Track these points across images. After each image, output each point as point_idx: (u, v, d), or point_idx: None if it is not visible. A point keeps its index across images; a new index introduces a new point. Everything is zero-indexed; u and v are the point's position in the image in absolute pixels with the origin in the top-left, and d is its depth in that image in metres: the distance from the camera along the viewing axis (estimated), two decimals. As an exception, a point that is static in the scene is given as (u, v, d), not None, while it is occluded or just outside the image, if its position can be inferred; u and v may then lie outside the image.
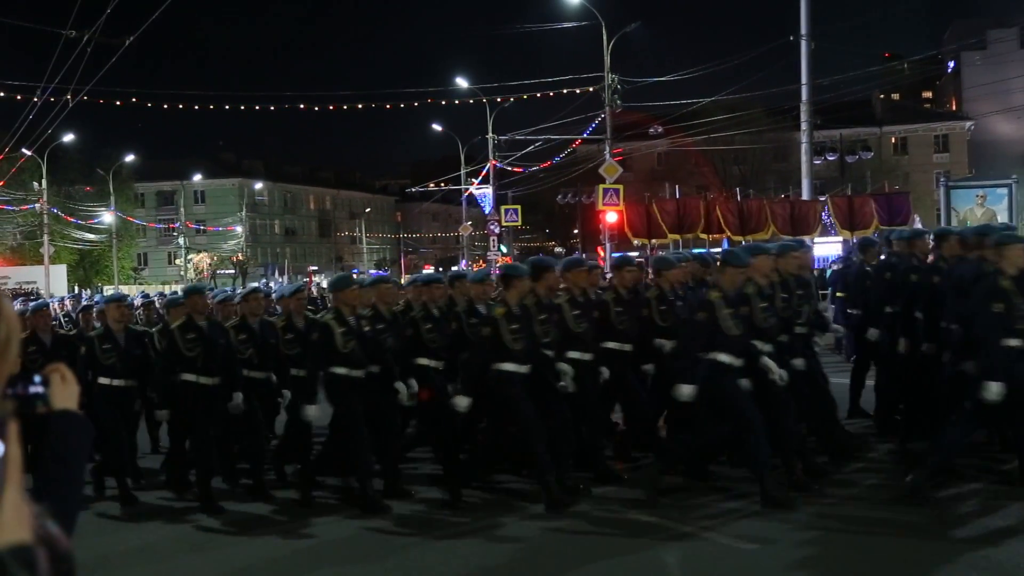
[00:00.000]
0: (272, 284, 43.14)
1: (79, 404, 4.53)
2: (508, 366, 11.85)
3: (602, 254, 41.30)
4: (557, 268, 13.56)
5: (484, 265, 55.06)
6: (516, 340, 11.94)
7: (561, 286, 13.43)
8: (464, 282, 15.42)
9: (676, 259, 15.05)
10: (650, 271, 16.27)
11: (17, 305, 26.62)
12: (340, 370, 12.22)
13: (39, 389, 2.80)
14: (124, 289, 33.40)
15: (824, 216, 35.92)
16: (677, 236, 34.71)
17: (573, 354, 12.76)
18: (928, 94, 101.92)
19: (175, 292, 30.33)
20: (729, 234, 34.14)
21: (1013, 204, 71.00)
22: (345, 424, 12.25)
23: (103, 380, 13.13)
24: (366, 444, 12.08)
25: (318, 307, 24.00)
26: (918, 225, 56.08)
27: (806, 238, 33.01)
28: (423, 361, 13.59)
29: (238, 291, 18.86)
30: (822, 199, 39.47)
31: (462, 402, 11.95)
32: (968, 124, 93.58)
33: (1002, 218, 65.66)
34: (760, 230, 33.51)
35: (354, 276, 14.56)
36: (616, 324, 13.41)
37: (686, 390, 11.54)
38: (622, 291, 13.75)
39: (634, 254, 32.41)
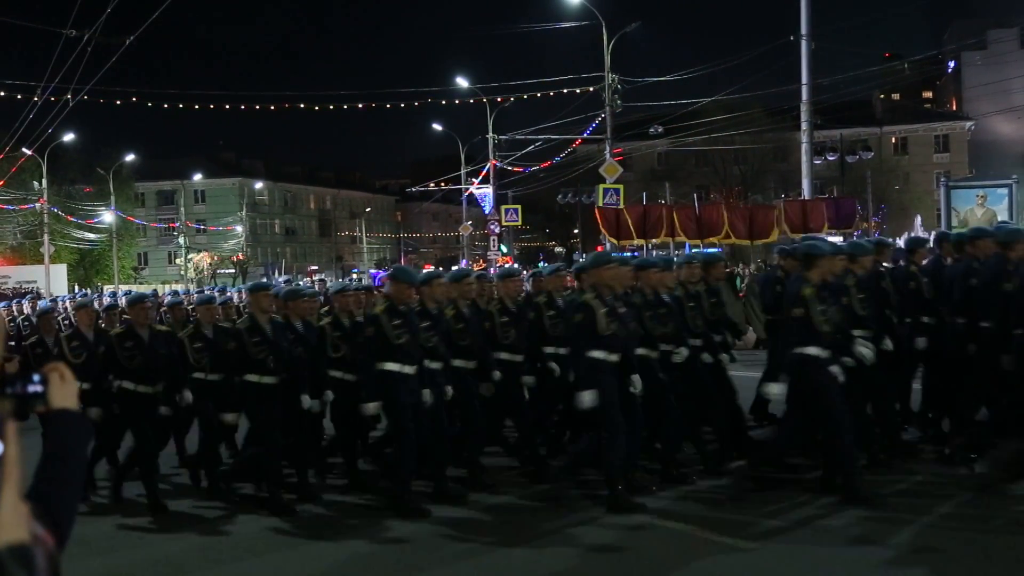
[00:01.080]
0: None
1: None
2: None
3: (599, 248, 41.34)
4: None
5: (484, 265, 55.01)
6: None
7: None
8: (539, 277, 15.75)
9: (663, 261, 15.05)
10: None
11: (26, 305, 26.63)
12: (393, 366, 11.96)
13: (38, 388, 2.80)
14: (123, 288, 33.33)
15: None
16: (643, 240, 35.64)
17: (457, 362, 12.98)
18: (928, 94, 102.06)
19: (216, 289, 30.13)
20: (686, 238, 34.66)
21: (1013, 204, 71.10)
22: (395, 422, 12.18)
23: (126, 384, 13.10)
24: (412, 441, 11.95)
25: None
26: (919, 227, 56.08)
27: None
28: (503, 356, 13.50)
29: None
30: (777, 203, 39.75)
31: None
32: (968, 124, 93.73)
33: (1002, 218, 65.74)
34: (716, 234, 34.12)
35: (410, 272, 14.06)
36: (501, 336, 13.49)
37: (776, 388, 11.75)
38: (508, 302, 13.77)
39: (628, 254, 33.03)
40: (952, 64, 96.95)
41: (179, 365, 13.53)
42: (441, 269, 21.06)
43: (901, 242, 20.29)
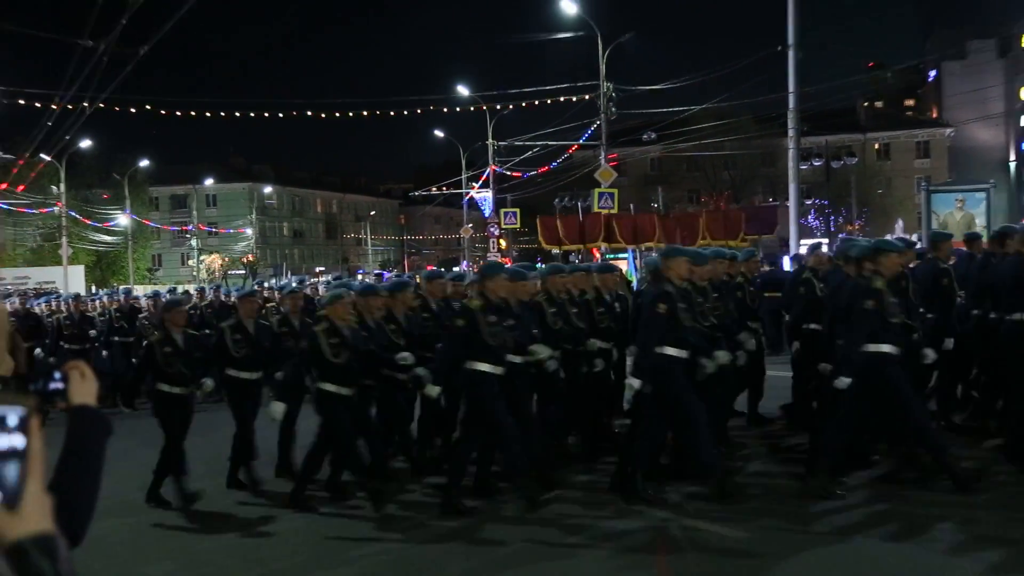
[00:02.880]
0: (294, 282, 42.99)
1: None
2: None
3: (596, 255, 41.33)
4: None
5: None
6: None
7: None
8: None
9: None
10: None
11: (40, 304, 26.61)
12: (483, 366, 11.68)
13: (59, 385, 2.85)
14: (138, 289, 33.31)
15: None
16: (580, 246, 36.50)
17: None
18: (910, 102, 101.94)
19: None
20: (624, 243, 35.24)
21: (990, 208, 71.14)
22: (480, 417, 11.92)
23: (231, 372, 13.16)
24: (512, 432, 11.66)
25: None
26: (900, 229, 55.96)
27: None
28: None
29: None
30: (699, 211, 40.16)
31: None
32: (948, 131, 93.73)
33: (980, 221, 65.78)
34: (649, 240, 34.70)
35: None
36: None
37: (844, 380, 11.42)
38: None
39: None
40: (933, 73, 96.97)
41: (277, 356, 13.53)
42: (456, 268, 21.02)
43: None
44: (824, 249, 15.78)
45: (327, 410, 12.09)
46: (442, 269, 17.00)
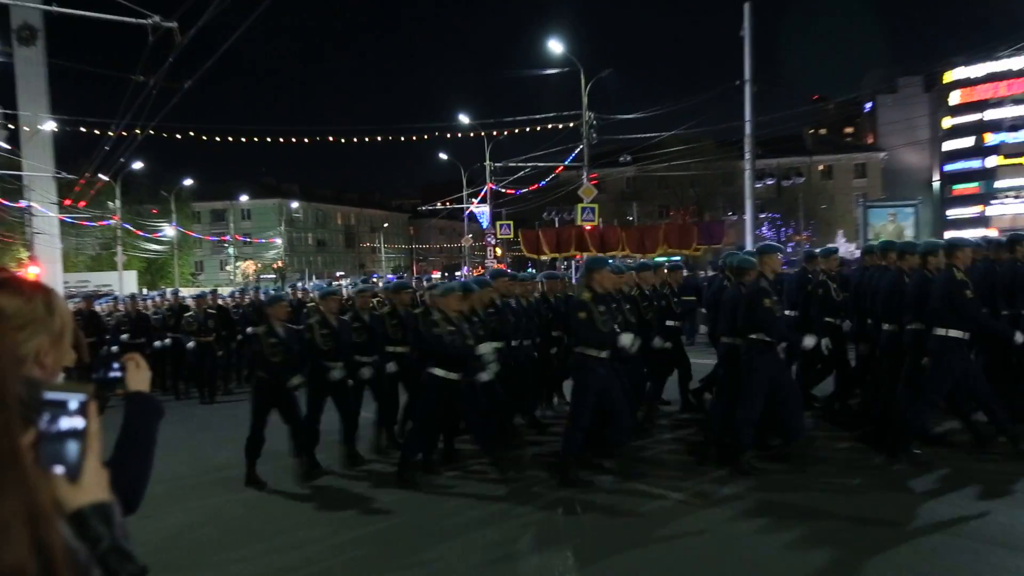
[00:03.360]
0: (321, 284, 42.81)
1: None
2: None
3: (578, 261, 41.49)
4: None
5: (483, 271, 54.92)
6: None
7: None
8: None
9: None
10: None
11: (101, 304, 26.53)
12: (591, 351, 11.42)
13: (117, 374, 2.91)
14: (184, 291, 33.52)
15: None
16: (557, 254, 37.52)
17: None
18: (849, 129, 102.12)
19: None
20: (594, 252, 35.90)
21: (918, 221, 71.15)
22: (588, 399, 11.50)
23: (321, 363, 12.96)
24: (624, 407, 11.58)
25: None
26: (841, 240, 56.07)
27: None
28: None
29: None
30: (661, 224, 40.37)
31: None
32: (882, 155, 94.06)
33: (909, 232, 65.66)
34: (614, 249, 35.28)
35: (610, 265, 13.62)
36: (392, 335, 13.44)
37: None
38: (400, 309, 13.62)
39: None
40: (869, 105, 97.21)
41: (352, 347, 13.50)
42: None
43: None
44: (836, 253, 15.40)
45: (434, 391, 11.83)
46: (507, 270, 16.98)
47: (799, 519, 9.49)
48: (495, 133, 57.39)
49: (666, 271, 16.13)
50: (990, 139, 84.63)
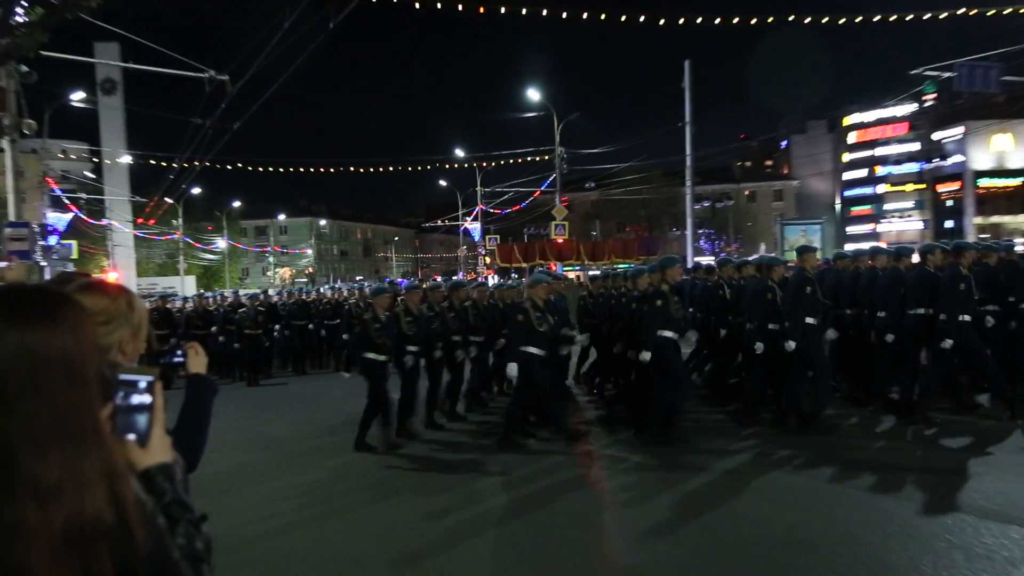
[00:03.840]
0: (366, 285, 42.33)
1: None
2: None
3: (553, 269, 41.55)
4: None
5: (475, 276, 54.81)
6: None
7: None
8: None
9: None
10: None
11: (175, 302, 26.35)
12: (667, 333, 11.22)
13: (180, 359, 2.97)
14: (241, 291, 33.38)
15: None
16: (527, 264, 38.01)
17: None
18: (769, 162, 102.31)
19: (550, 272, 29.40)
20: (555, 262, 37.88)
21: (823, 236, 71.31)
22: (670, 374, 11.24)
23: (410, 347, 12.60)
24: (684, 378, 11.60)
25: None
26: (763, 251, 56.19)
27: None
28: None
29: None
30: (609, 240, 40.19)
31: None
32: (795, 183, 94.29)
33: (817, 244, 65.34)
34: (571, 259, 37.70)
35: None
36: (375, 337, 12.42)
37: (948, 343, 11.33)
38: (380, 312, 12.41)
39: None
40: (784, 143, 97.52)
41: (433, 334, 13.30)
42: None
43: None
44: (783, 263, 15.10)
45: (528, 368, 11.41)
46: (542, 271, 16.48)
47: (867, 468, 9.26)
48: (484, 164, 57.68)
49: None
50: (880, 171, 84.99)
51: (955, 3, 25.99)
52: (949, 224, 77.88)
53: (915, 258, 13.15)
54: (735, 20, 28.76)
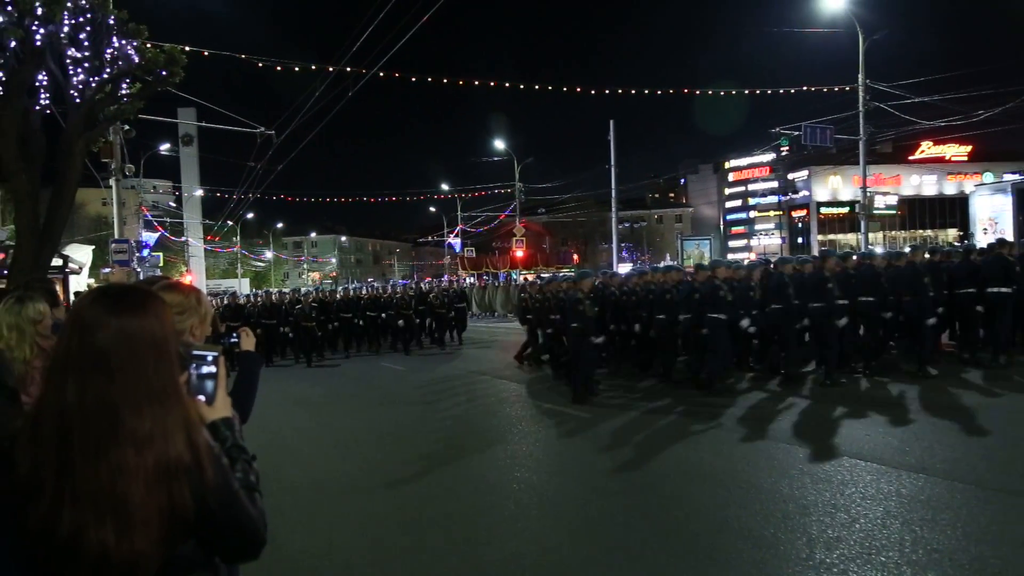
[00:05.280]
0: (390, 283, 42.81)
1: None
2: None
3: (514, 276, 41.78)
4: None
5: (456, 278, 54.80)
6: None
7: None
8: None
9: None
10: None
11: (242, 297, 25.89)
12: (720, 316, 10.80)
13: (235, 339, 2.86)
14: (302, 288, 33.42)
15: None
16: (478, 270, 38.73)
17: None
18: (672, 194, 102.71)
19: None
20: (509, 268, 39.40)
21: (712, 249, 71.46)
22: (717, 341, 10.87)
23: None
24: (728, 347, 11.04)
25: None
26: (668, 261, 56.57)
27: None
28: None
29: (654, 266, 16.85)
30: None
31: None
32: (691, 210, 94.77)
33: (707, 256, 65.69)
34: (518, 267, 38.57)
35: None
36: (587, 312, 11.53)
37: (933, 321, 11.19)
38: (585, 290, 11.66)
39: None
40: (683, 180, 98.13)
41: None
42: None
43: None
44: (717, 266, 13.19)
45: (717, 329, 10.80)
46: (589, 270, 15.49)
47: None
48: (463, 195, 58.13)
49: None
50: (751, 201, 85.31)
51: (802, 82, 26.70)
52: (800, 240, 78.72)
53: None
54: (646, 91, 29.31)
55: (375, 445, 9.04)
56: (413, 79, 24.56)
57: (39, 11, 11.38)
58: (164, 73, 13.13)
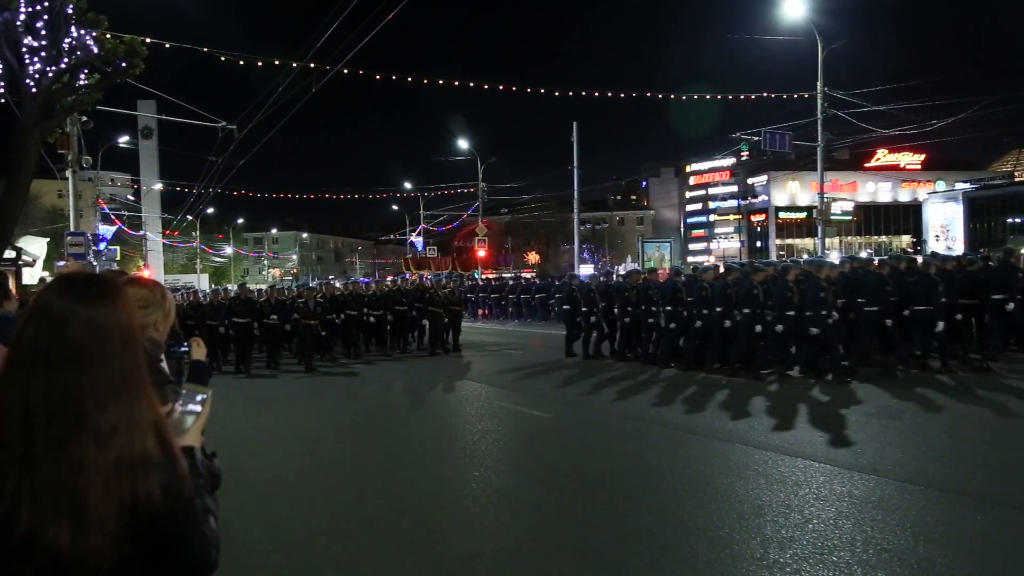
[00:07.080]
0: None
1: None
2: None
3: (476, 275, 41.84)
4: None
5: (416, 277, 54.84)
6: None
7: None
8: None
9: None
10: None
11: (205, 295, 25.46)
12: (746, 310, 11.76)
13: (185, 349, 2.77)
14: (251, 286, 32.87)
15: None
16: (425, 272, 38.04)
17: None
18: (634, 196, 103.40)
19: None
20: (468, 269, 40.24)
21: (672, 251, 72.13)
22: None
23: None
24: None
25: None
26: (630, 264, 56.81)
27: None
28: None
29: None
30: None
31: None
32: (652, 212, 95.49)
33: (667, 257, 66.14)
34: (507, 266, 38.34)
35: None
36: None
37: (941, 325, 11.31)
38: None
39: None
40: (645, 183, 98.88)
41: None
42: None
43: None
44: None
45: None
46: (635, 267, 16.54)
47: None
48: (426, 193, 58.19)
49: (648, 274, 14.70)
50: (712, 205, 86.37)
51: (763, 88, 27.09)
52: (759, 244, 79.94)
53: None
54: (609, 94, 29.51)
55: (333, 441, 9.00)
56: (378, 76, 24.49)
57: (-6, -3, 11.11)
58: (124, 64, 12.92)
